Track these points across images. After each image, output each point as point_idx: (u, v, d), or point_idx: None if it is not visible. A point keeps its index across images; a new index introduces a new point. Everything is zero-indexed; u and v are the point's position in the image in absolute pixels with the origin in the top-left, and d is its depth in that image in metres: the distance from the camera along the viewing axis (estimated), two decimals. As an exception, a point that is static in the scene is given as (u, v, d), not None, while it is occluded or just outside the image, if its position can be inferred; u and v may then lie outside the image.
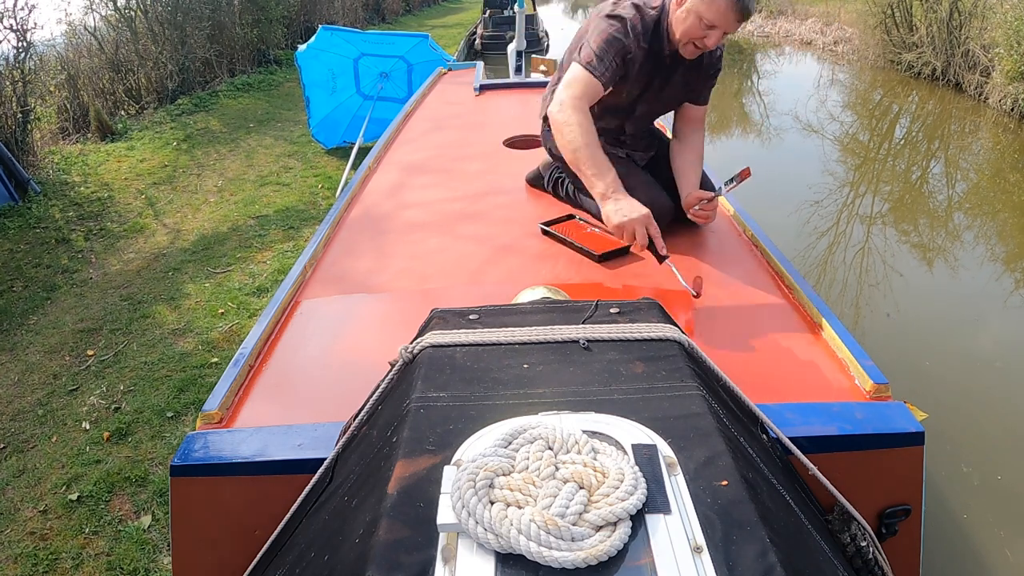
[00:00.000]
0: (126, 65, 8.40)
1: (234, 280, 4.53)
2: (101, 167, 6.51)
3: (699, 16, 1.88)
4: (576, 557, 0.70)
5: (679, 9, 1.93)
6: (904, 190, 6.96)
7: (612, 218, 1.84)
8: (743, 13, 1.87)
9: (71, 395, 3.43)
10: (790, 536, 0.84)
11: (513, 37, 5.78)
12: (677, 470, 0.83)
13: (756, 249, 2.10)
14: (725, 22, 1.87)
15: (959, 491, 3.04)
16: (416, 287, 1.90)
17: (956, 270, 5.16)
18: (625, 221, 1.81)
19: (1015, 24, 8.37)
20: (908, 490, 1.31)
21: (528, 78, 4.80)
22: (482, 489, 0.75)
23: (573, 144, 1.92)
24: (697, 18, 1.88)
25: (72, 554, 2.52)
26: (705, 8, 1.86)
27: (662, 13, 1.98)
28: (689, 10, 1.89)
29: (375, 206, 2.48)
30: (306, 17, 13.17)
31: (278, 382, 1.53)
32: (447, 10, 24.51)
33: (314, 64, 6.45)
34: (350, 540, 0.82)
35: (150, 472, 2.89)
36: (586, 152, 1.91)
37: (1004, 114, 8.75)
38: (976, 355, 4.02)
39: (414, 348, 1.11)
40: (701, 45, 1.95)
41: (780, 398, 1.39)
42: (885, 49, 11.64)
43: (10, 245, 5.01)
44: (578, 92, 1.95)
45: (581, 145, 1.91)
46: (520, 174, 2.60)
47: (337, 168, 6.64)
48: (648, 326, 1.13)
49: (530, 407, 0.94)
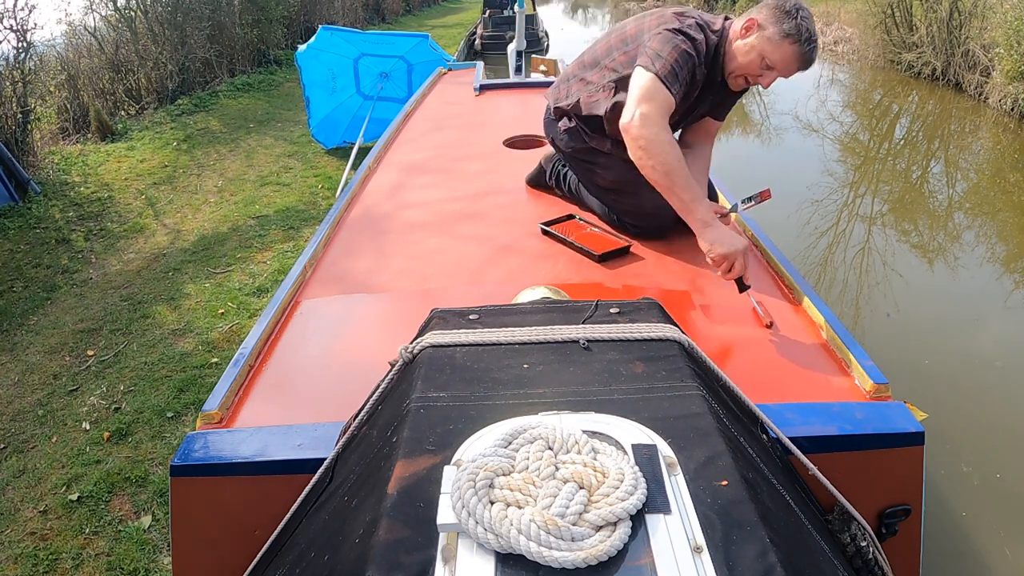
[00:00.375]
0: (126, 65, 8.40)
1: (234, 280, 4.53)
2: (101, 167, 6.51)
3: (762, 55, 1.83)
4: (576, 557, 0.70)
5: (742, 41, 1.86)
6: (904, 190, 6.96)
7: (716, 247, 1.74)
8: (805, 64, 1.83)
9: (71, 395, 3.43)
10: (790, 536, 0.84)
11: (513, 37, 5.79)
12: (677, 470, 0.83)
13: (756, 249, 2.10)
14: (785, 68, 1.83)
15: (959, 491, 3.04)
16: (416, 287, 1.90)
17: (956, 270, 5.16)
18: (730, 252, 1.71)
19: (1015, 24, 8.37)
20: (908, 490, 1.31)
21: (528, 78, 4.80)
22: (482, 489, 0.75)
23: (667, 167, 1.80)
24: (760, 56, 1.83)
25: (72, 554, 2.52)
26: (771, 50, 1.81)
27: (721, 38, 1.92)
28: (754, 46, 1.83)
29: (375, 206, 2.48)
30: (306, 17, 13.17)
31: (278, 382, 1.53)
32: (447, 10, 24.50)
33: (314, 64, 6.45)
34: (350, 540, 0.82)
35: (150, 472, 2.89)
36: (683, 176, 1.80)
37: (1004, 114, 8.75)
38: (976, 355, 4.02)
39: (414, 348, 1.11)
40: (753, 82, 1.90)
41: (780, 398, 1.39)
42: (885, 49, 11.64)
43: (10, 245, 5.01)
44: (660, 107, 1.82)
45: (677, 169, 1.80)
46: (520, 174, 2.60)
47: (337, 168, 6.64)
48: (648, 326, 1.13)
49: (530, 407, 0.94)
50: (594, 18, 27.03)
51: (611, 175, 2.13)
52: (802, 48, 1.79)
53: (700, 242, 1.79)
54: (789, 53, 1.80)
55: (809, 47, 1.80)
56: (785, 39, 1.78)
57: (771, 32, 1.80)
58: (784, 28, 1.78)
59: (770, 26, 1.80)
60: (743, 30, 1.86)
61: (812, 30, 1.80)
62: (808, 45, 1.79)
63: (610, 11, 27.75)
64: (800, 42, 1.78)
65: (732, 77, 1.93)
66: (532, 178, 2.52)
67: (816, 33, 1.82)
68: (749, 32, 1.85)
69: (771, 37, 1.80)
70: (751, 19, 1.85)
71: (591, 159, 2.18)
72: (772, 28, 1.80)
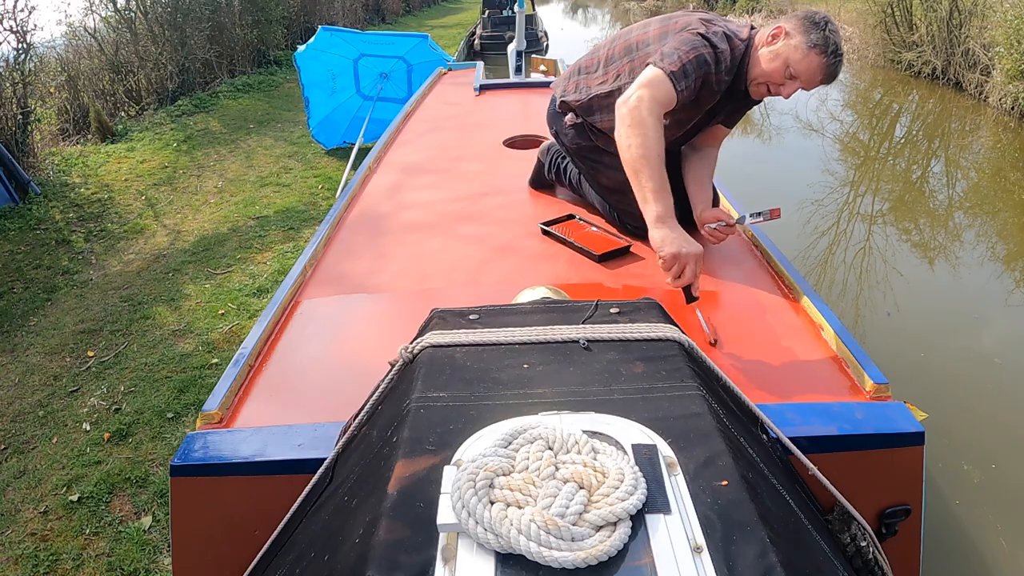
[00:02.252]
0: (126, 66, 8.40)
1: (234, 281, 4.53)
2: (101, 168, 6.51)
3: (786, 63, 1.80)
4: (576, 557, 0.70)
5: (768, 48, 1.83)
6: (904, 189, 6.96)
7: (665, 247, 1.68)
8: (829, 78, 1.81)
9: (71, 396, 3.43)
10: (790, 536, 0.84)
11: (512, 37, 5.78)
12: (677, 470, 0.83)
13: (756, 249, 2.10)
14: (809, 79, 1.80)
15: (959, 491, 3.04)
16: (416, 287, 1.90)
17: (957, 269, 5.16)
18: (680, 253, 1.65)
19: (1015, 23, 8.37)
20: (908, 490, 1.31)
21: (528, 78, 4.80)
22: (482, 489, 0.75)
23: (644, 150, 1.75)
24: (784, 64, 1.80)
25: (72, 555, 2.52)
26: (798, 59, 1.78)
27: (747, 47, 1.90)
28: (779, 53, 1.80)
29: (375, 206, 2.48)
30: (306, 18, 13.17)
31: (278, 382, 1.53)
32: (447, 10, 24.50)
33: (314, 65, 6.45)
34: (350, 540, 0.82)
35: (150, 473, 2.89)
36: (654, 164, 1.75)
37: (1004, 113, 8.74)
38: (977, 354, 4.02)
39: (414, 348, 1.11)
40: (775, 91, 1.86)
41: (780, 398, 1.39)
42: (885, 48, 11.64)
43: (10, 246, 5.01)
44: (659, 97, 1.78)
45: (652, 155, 1.75)
46: (520, 174, 2.59)
47: (337, 168, 6.64)
48: (648, 326, 1.13)
49: (530, 407, 0.94)
50: (594, 18, 27.03)
51: (615, 175, 2.12)
52: (828, 60, 1.77)
53: (651, 238, 1.73)
54: (815, 64, 1.77)
55: (835, 60, 1.78)
56: (812, 49, 1.76)
57: (798, 41, 1.78)
58: (812, 38, 1.76)
59: (798, 35, 1.79)
60: (770, 37, 1.84)
61: (839, 44, 1.78)
62: (834, 58, 1.77)
63: (610, 11, 27.75)
64: (827, 54, 1.76)
65: (754, 85, 1.90)
66: (533, 180, 2.52)
67: (842, 48, 1.79)
68: (775, 40, 1.83)
69: (798, 46, 1.78)
70: (779, 27, 1.83)
71: (596, 157, 2.16)
72: (800, 37, 1.78)
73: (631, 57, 1.99)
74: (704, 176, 2.09)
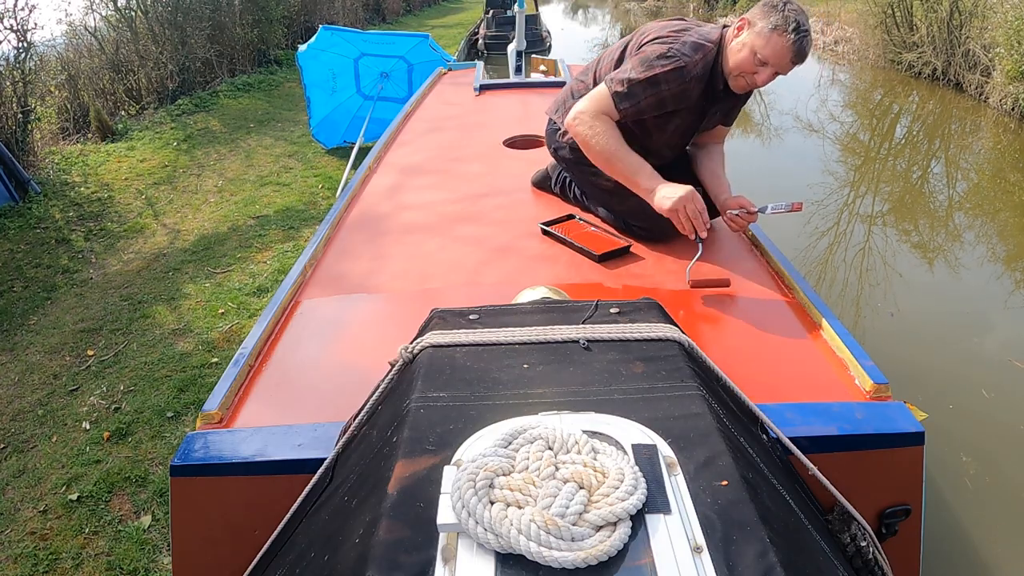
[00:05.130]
0: (126, 65, 8.40)
1: (234, 280, 4.53)
2: (101, 167, 6.51)
3: (753, 51, 1.85)
4: (576, 557, 0.70)
5: (736, 40, 1.89)
6: (904, 190, 6.96)
7: (663, 203, 1.86)
8: (798, 55, 1.84)
9: (71, 395, 3.43)
10: (790, 536, 0.84)
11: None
12: (677, 470, 0.83)
13: (756, 249, 2.10)
14: (778, 61, 1.84)
15: (959, 491, 3.04)
16: (416, 287, 1.90)
17: (957, 270, 5.16)
18: (677, 201, 1.82)
19: (1015, 24, 8.37)
20: (908, 490, 1.31)
21: (528, 78, 4.80)
22: (482, 489, 0.75)
23: (605, 153, 1.95)
24: (751, 52, 1.85)
25: (72, 554, 2.52)
26: (761, 44, 1.83)
27: (719, 48, 1.93)
28: (744, 43, 1.87)
29: (375, 206, 2.48)
30: (306, 17, 13.16)
31: (278, 382, 1.53)
32: (447, 10, 24.50)
33: (314, 64, 6.45)
34: (350, 540, 0.82)
35: (150, 472, 2.89)
36: (619, 156, 1.94)
37: (1004, 114, 8.74)
38: (976, 355, 4.02)
39: (414, 348, 1.11)
40: (750, 81, 1.91)
41: (780, 398, 1.39)
42: (885, 49, 11.64)
43: (10, 245, 5.01)
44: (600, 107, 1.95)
45: (614, 150, 1.94)
46: (520, 174, 2.59)
47: (337, 168, 6.64)
48: (648, 326, 1.13)
49: (530, 407, 0.94)
50: (594, 18, 27.01)
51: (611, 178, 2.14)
52: (791, 38, 1.81)
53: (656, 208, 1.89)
54: (780, 45, 1.82)
55: (798, 36, 1.81)
56: (774, 31, 1.81)
57: (760, 27, 1.84)
58: (772, 20, 1.82)
59: (759, 21, 1.85)
60: (736, 30, 1.91)
61: (801, 21, 1.82)
62: (797, 35, 1.81)
63: (610, 11, 27.74)
64: (788, 32, 1.80)
65: (732, 78, 1.94)
66: (537, 180, 2.52)
67: (806, 24, 1.83)
68: (740, 31, 1.90)
69: (760, 31, 1.84)
70: (743, 19, 1.90)
71: (591, 165, 2.18)
72: (761, 23, 1.84)
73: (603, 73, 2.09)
74: (717, 167, 2.17)
